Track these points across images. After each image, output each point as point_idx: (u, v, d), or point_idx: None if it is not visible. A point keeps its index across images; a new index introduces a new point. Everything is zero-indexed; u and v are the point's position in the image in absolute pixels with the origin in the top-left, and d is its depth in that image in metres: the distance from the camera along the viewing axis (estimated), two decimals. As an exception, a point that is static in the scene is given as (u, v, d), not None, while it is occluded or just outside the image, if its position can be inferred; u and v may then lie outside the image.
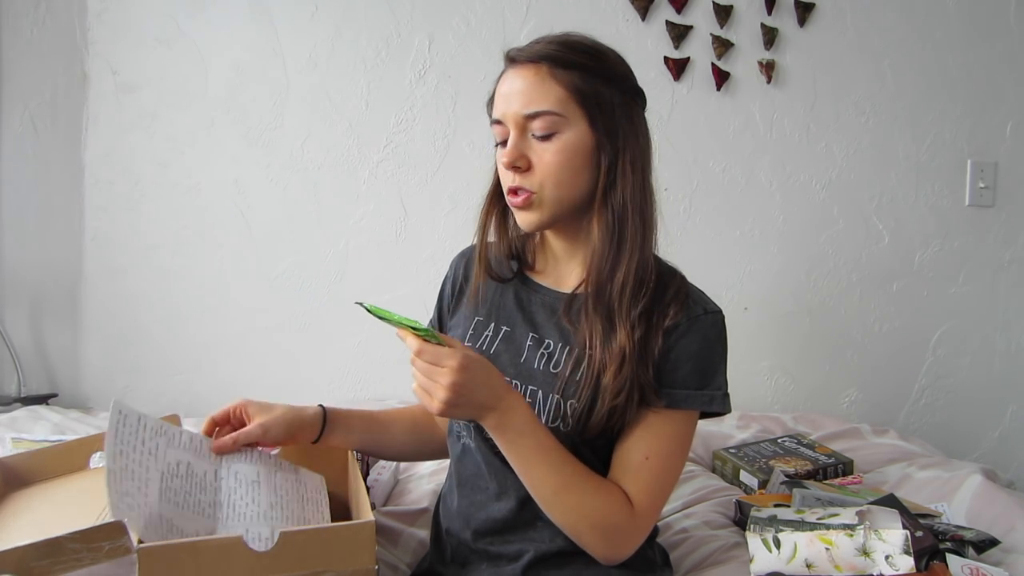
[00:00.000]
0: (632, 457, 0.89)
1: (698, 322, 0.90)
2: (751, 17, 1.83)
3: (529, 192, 0.89)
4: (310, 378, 1.85)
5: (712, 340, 0.91)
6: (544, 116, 0.87)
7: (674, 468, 0.92)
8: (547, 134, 0.87)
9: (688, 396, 0.89)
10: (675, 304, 0.90)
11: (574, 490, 0.86)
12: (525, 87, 0.88)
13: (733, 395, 0.93)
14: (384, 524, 1.19)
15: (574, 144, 0.88)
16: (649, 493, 0.89)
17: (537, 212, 0.90)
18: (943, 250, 1.93)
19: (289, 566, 0.72)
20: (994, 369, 1.98)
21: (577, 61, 0.88)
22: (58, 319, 1.83)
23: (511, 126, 0.89)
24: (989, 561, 1.03)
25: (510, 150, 0.88)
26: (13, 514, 0.86)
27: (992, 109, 1.91)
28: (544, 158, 0.88)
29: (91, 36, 1.76)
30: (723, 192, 1.87)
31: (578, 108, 0.88)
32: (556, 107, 0.87)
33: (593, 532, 0.87)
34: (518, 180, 0.89)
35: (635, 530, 0.89)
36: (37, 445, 1.27)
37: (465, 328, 1.01)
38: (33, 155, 1.79)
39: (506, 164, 0.89)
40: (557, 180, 0.88)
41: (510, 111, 0.88)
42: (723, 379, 0.93)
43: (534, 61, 0.88)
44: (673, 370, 0.89)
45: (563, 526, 0.88)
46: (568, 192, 0.89)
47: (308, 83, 1.80)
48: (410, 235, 1.82)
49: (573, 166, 0.88)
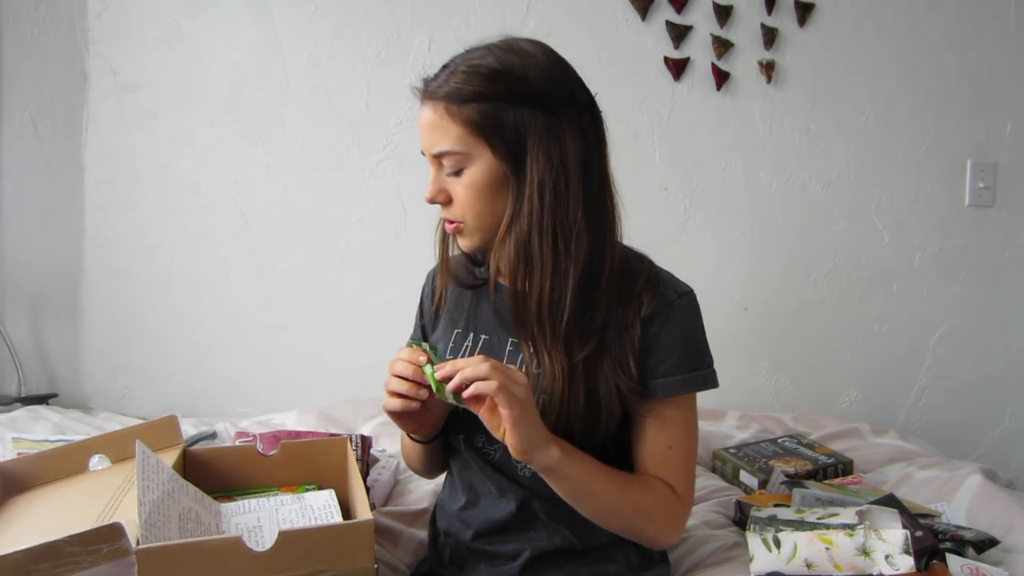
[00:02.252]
0: (656, 451, 0.92)
1: (674, 308, 0.92)
2: (751, 17, 1.83)
3: (457, 222, 0.91)
4: (310, 378, 1.85)
5: (692, 322, 0.94)
6: (448, 156, 0.88)
7: (694, 447, 0.97)
8: (455, 171, 0.89)
9: (685, 381, 0.92)
10: (647, 293, 0.91)
11: (630, 493, 0.90)
12: (429, 126, 0.89)
13: (733, 395, 0.95)
14: (384, 524, 1.19)
15: (481, 177, 0.88)
16: (685, 476, 0.94)
17: (469, 239, 0.93)
18: (943, 250, 1.93)
19: (288, 566, 0.72)
20: (994, 369, 1.98)
21: (475, 92, 0.86)
22: (58, 319, 1.83)
23: (429, 161, 0.91)
24: (989, 561, 1.03)
25: (430, 187, 0.91)
26: (12, 519, 0.86)
27: (992, 109, 1.91)
28: (458, 192, 0.89)
29: (91, 36, 1.76)
30: (723, 192, 1.87)
31: (479, 141, 0.86)
32: (456, 146, 0.87)
33: (652, 525, 0.92)
34: (444, 212, 0.92)
35: (685, 512, 0.95)
36: (37, 445, 1.28)
37: (447, 341, 1.01)
38: (33, 155, 1.79)
39: (427, 199, 0.91)
40: (475, 212, 0.89)
41: (424, 147, 0.91)
42: (710, 356, 0.96)
43: (432, 99, 0.89)
44: (663, 360, 0.91)
45: (624, 529, 0.92)
46: (489, 220, 0.90)
47: (308, 83, 1.80)
48: (410, 235, 1.82)
49: (486, 197, 0.89)
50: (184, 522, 0.78)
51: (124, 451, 0.95)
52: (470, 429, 0.96)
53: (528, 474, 0.93)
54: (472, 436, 0.96)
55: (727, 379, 0.99)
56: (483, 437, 0.95)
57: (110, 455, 0.96)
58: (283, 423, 1.64)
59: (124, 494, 0.85)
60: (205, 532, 0.81)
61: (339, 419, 1.64)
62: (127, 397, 1.84)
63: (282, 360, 1.85)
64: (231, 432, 1.55)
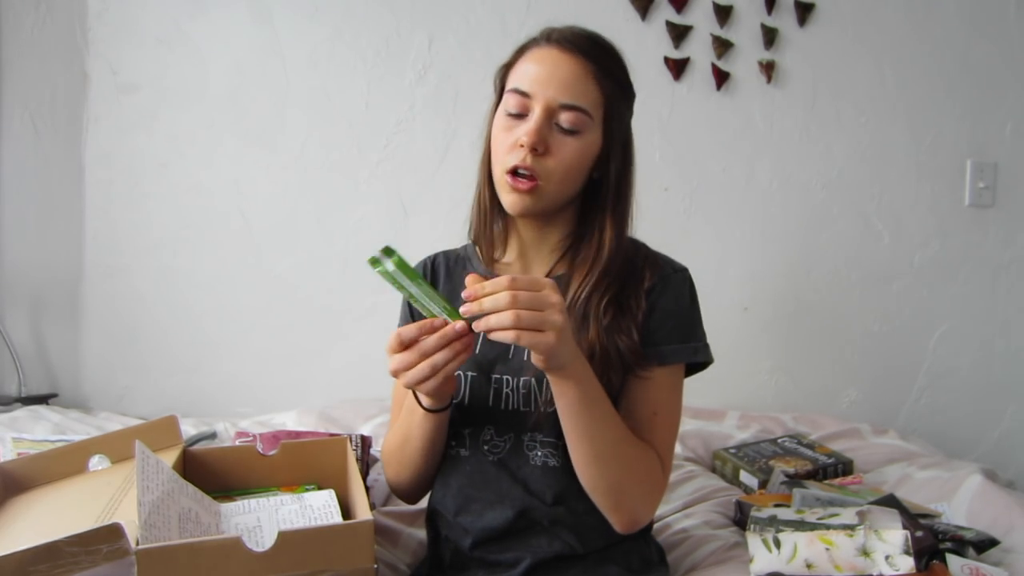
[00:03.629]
0: (642, 415, 0.92)
1: (671, 280, 0.95)
2: (751, 17, 1.83)
3: (535, 179, 0.88)
4: (310, 378, 1.85)
5: (686, 295, 0.97)
6: (579, 112, 0.87)
7: (677, 419, 0.97)
8: (573, 129, 0.88)
9: (676, 351, 0.94)
10: (647, 268, 0.95)
11: (628, 444, 0.87)
12: (569, 77, 0.87)
13: (733, 395, 0.95)
14: (384, 524, 1.19)
15: (589, 147, 0.90)
16: (666, 445, 0.94)
17: (535, 199, 0.89)
18: (943, 250, 1.93)
19: (288, 566, 0.72)
20: (994, 369, 1.98)
21: (614, 71, 0.90)
22: (58, 319, 1.83)
23: (540, 106, 0.87)
24: (989, 561, 1.03)
25: (536, 130, 0.86)
26: (12, 519, 0.86)
27: (992, 109, 1.91)
28: (563, 151, 0.88)
29: (91, 36, 1.76)
30: (723, 192, 1.87)
31: (603, 114, 0.90)
32: (591, 107, 0.88)
33: (638, 489, 0.89)
34: (530, 161, 0.87)
35: (664, 485, 0.93)
36: (37, 445, 1.28)
37: None
38: (33, 155, 1.79)
39: (528, 144, 0.86)
40: (566, 175, 0.89)
41: (546, 93, 0.87)
42: (702, 331, 0.97)
43: (583, 54, 0.88)
44: (658, 328, 0.93)
45: (611, 485, 0.87)
46: (568, 189, 0.91)
47: (308, 83, 1.79)
48: (410, 235, 1.82)
49: (582, 166, 0.90)
50: (184, 522, 0.78)
51: (124, 451, 0.95)
52: (478, 420, 0.95)
53: (539, 463, 0.93)
54: (480, 429, 0.95)
55: (727, 379, 0.99)
56: (491, 428, 0.95)
57: (110, 455, 0.96)
58: (283, 423, 1.64)
59: (124, 494, 0.85)
60: (205, 532, 0.81)
61: (339, 419, 1.64)
62: (127, 397, 1.84)
63: (282, 360, 1.85)
64: (231, 432, 1.55)
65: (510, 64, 0.93)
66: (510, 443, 0.94)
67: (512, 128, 0.89)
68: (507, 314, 0.71)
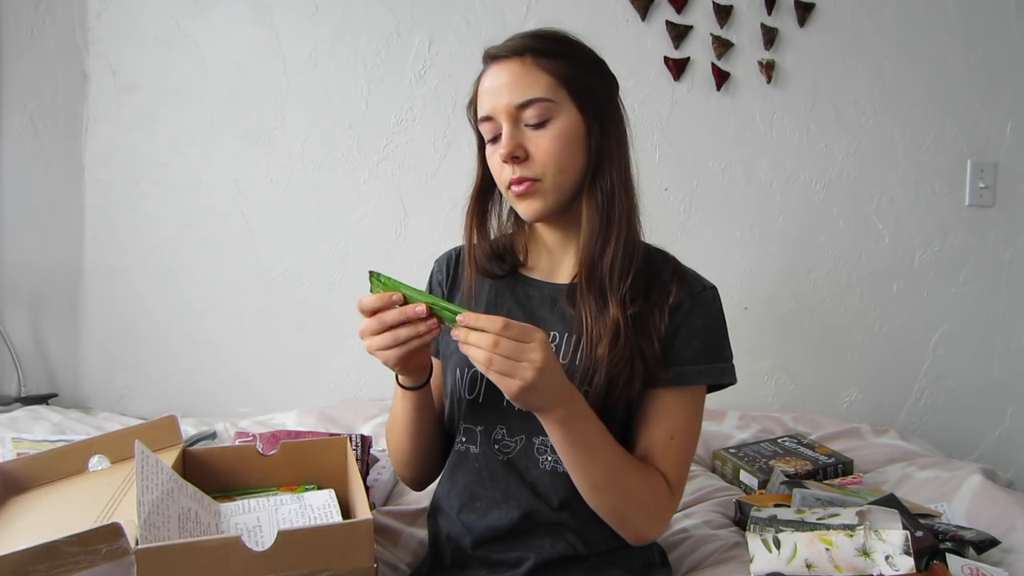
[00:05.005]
0: (658, 438, 0.92)
1: (700, 299, 0.94)
2: (751, 17, 1.83)
3: (532, 180, 0.89)
4: (310, 378, 1.85)
5: (716, 315, 0.95)
6: (537, 103, 0.88)
7: (694, 442, 0.96)
8: (541, 121, 0.89)
9: (701, 371, 0.93)
10: (675, 283, 0.94)
11: (628, 473, 0.88)
12: (513, 79, 0.89)
13: (733, 395, 0.95)
14: (384, 524, 1.19)
15: (567, 129, 0.89)
16: (679, 469, 0.93)
17: (540, 199, 0.91)
18: (943, 250, 1.93)
19: (287, 565, 0.72)
20: (994, 369, 1.98)
21: (558, 51, 0.90)
22: (58, 319, 1.83)
23: (503, 119, 0.89)
24: (989, 561, 1.03)
25: (507, 141, 0.89)
26: (12, 519, 0.86)
27: (992, 109, 1.91)
28: (541, 145, 0.89)
29: (91, 36, 1.76)
30: (723, 192, 1.87)
31: (566, 94, 0.89)
32: (547, 93, 0.88)
33: (640, 513, 0.89)
34: (518, 171, 0.90)
35: (672, 507, 0.93)
36: (37, 445, 1.28)
37: None
38: (33, 155, 1.79)
39: (504, 156, 0.89)
40: (558, 165, 0.89)
41: (500, 104, 0.89)
42: (729, 351, 0.96)
43: (518, 54, 0.89)
44: (683, 348, 0.92)
45: (612, 510, 0.89)
46: (568, 177, 0.91)
47: (308, 83, 1.80)
48: (410, 235, 1.82)
49: (570, 150, 0.90)
50: (183, 522, 0.78)
51: (124, 451, 0.95)
52: (491, 419, 0.95)
53: (548, 467, 0.93)
54: (492, 428, 0.96)
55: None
56: (503, 428, 0.95)
57: (110, 455, 0.96)
58: (283, 423, 1.64)
59: (123, 494, 0.85)
60: (205, 532, 0.81)
61: (339, 419, 1.64)
62: (127, 397, 1.84)
63: (282, 360, 1.85)
64: (231, 432, 1.55)
65: (472, 100, 0.97)
66: (521, 444, 0.94)
67: (495, 151, 0.92)
68: (482, 352, 0.76)
